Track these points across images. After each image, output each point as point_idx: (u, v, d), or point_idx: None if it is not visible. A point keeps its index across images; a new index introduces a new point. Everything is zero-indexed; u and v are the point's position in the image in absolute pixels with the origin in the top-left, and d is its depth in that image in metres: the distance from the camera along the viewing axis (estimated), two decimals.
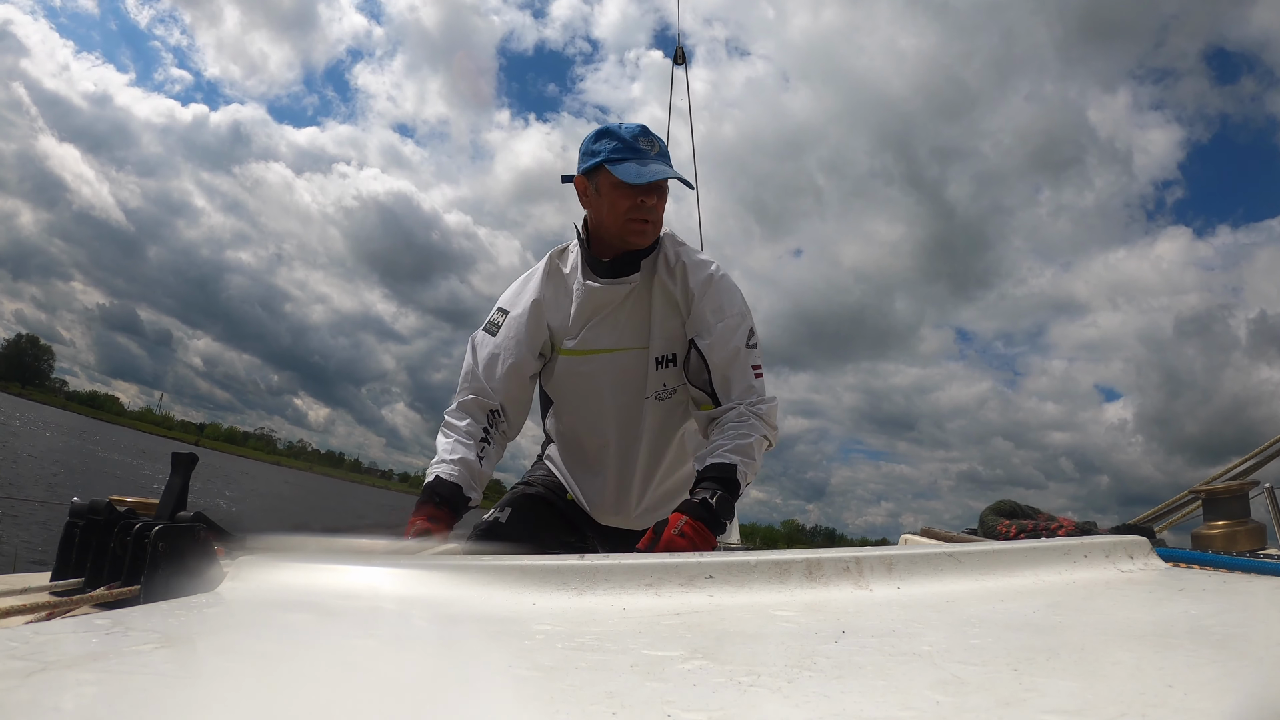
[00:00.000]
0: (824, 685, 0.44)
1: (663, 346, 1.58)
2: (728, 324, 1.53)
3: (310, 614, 0.68)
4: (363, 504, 39.55)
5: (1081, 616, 0.62)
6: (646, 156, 1.50)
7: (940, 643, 0.53)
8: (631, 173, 1.47)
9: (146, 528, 0.85)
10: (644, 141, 1.51)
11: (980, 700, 0.40)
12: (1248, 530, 1.70)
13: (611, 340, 1.58)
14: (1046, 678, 0.44)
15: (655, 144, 1.53)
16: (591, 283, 1.56)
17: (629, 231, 1.53)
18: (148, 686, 0.43)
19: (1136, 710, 0.37)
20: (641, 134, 1.52)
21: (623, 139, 1.51)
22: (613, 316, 1.57)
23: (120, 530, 0.91)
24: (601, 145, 1.52)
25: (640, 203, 1.50)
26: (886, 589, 0.70)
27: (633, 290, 1.56)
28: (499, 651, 0.56)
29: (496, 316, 1.62)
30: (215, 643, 0.59)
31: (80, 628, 0.60)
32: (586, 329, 1.58)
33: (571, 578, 0.71)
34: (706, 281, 1.56)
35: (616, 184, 1.49)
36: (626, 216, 1.51)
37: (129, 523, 0.91)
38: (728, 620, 0.62)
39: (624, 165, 1.48)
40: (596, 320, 1.57)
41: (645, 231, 1.54)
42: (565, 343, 1.59)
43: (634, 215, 1.51)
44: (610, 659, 0.51)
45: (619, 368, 1.58)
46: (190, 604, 0.69)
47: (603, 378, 1.59)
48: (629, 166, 1.48)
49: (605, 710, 0.40)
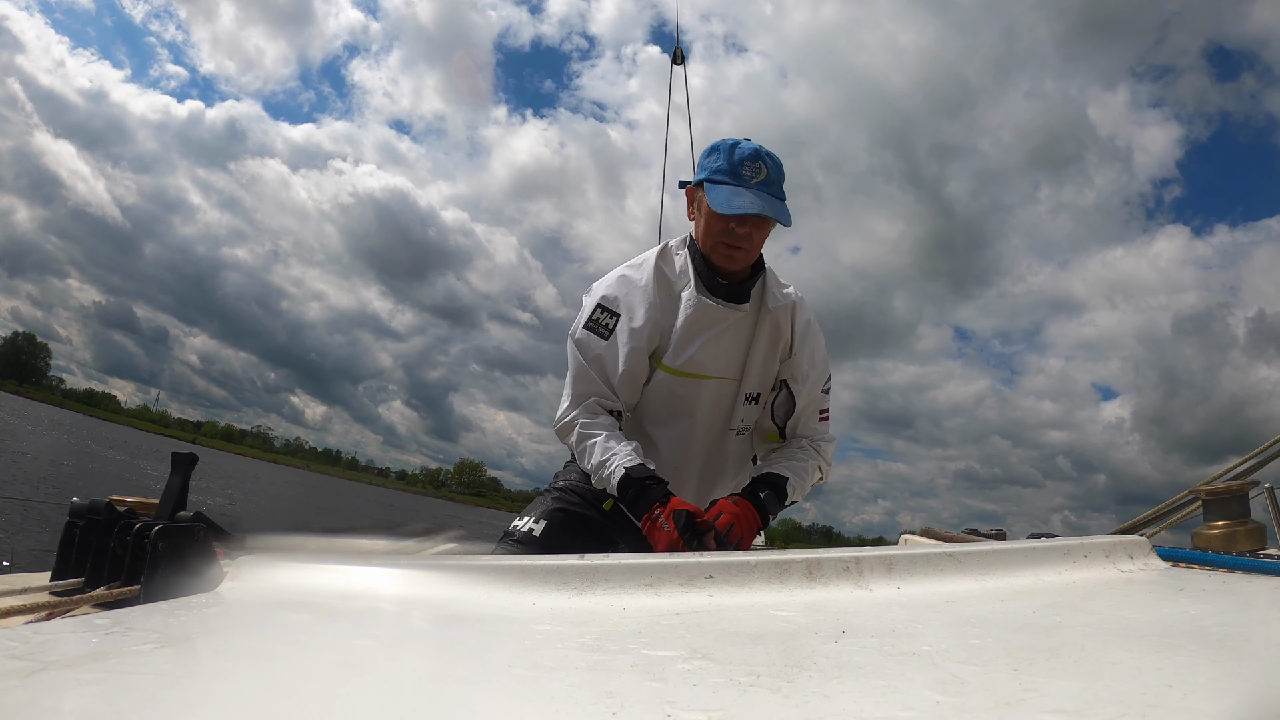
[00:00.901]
0: (824, 685, 0.44)
1: (754, 384, 1.59)
2: (818, 372, 1.60)
3: (310, 614, 0.68)
4: (361, 502, 39.49)
5: (1081, 616, 0.62)
6: (747, 183, 1.45)
7: (940, 643, 0.53)
8: (720, 200, 1.45)
9: (146, 528, 0.85)
10: (749, 166, 1.46)
11: (980, 700, 0.40)
12: (1248, 530, 1.69)
13: (711, 366, 1.55)
14: (1046, 678, 0.44)
15: (762, 169, 1.47)
16: (705, 299, 1.52)
17: (718, 255, 1.51)
18: (148, 686, 0.43)
19: (1136, 710, 0.37)
20: (750, 157, 1.47)
21: (729, 159, 1.47)
22: (715, 341, 1.54)
23: (120, 530, 0.91)
24: (709, 161, 1.50)
25: (731, 229, 1.46)
26: (886, 589, 0.70)
27: (740, 319, 1.54)
28: (499, 651, 0.56)
29: (604, 318, 1.53)
30: (215, 643, 0.59)
31: (80, 628, 0.60)
32: (690, 347, 1.53)
33: (571, 578, 0.71)
34: (806, 326, 1.59)
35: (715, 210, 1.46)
36: (717, 240, 1.49)
37: (129, 523, 0.91)
38: (728, 620, 0.62)
39: (718, 189, 1.46)
40: (700, 340, 1.54)
41: (733, 258, 1.51)
42: (667, 359, 1.55)
43: (723, 240, 1.48)
44: (610, 659, 0.51)
45: (712, 396, 1.58)
46: (190, 604, 0.69)
47: (696, 402, 1.58)
48: (722, 192, 1.45)
49: (605, 710, 0.40)
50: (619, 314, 1.52)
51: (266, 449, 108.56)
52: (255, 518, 1.78)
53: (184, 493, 0.95)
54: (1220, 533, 1.70)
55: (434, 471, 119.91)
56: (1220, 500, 1.77)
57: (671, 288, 1.56)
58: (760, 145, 1.50)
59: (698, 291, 1.53)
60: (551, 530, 1.61)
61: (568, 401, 1.53)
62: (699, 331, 1.53)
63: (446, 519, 3.25)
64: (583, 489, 1.70)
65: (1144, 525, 2.38)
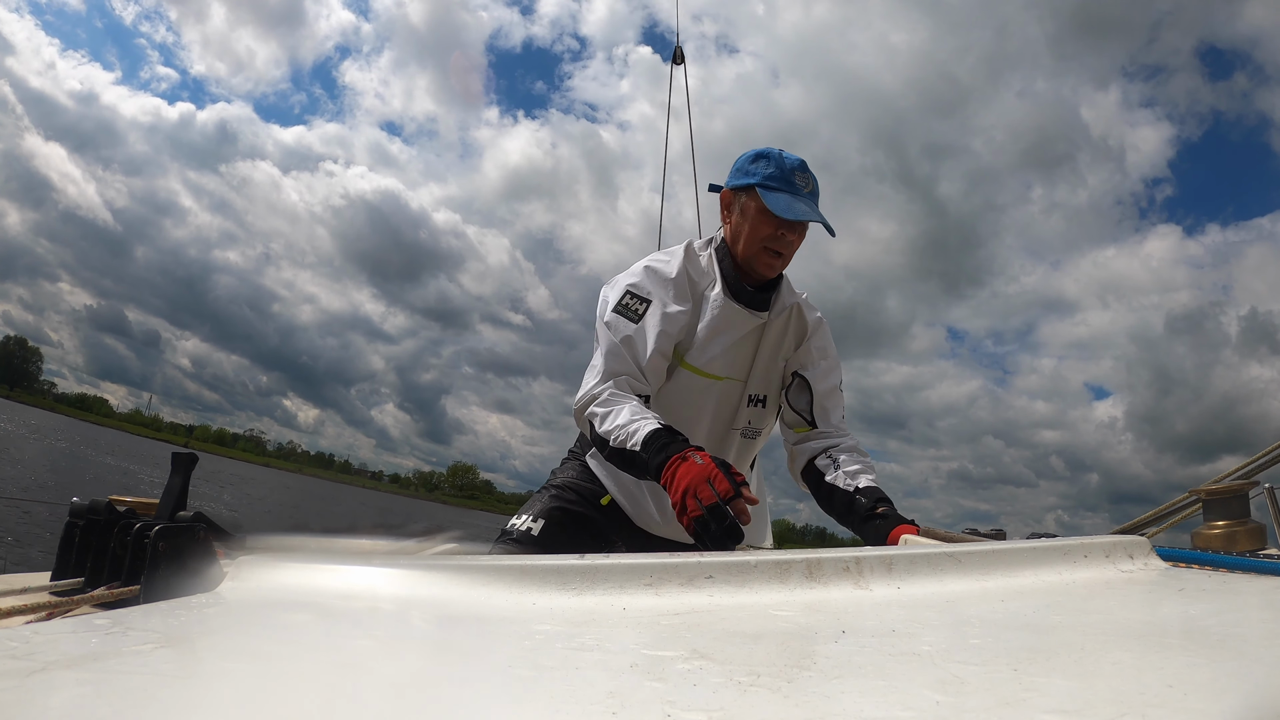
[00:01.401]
0: (824, 685, 0.44)
1: (758, 386, 1.63)
2: (829, 363, 1.66)
3: (310, 614, 0.68)
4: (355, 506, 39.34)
5: (1081, 616, 0.62)
6: (800, 193, 1.51)
7: (940, 643, 0.53)
8: (782, 205, 1.48)
9: (146, 528, 0.85)
10: (800, 177, 1.52)
11: (980, 700, 0.40)
12: (1247, 530, 1.69)
13: (723, 368, 1.59)
14: (1046, 678, 0.44)
15: (810, 182, 1.54)
16: (731, 302, 1.56)
17: (760, 261, 1.54)
18: (148, 686, 0.43)
19: (1136, 710, 0.37)
20: (800, 168, 1.53)
21: (781, 167, 1.51)
22: (734, 345, 1.58)
23: (120, 530, 0.91)
24: (758, 167, 1.53)
25: (781, 235, 1.51)
26: (886, 589, 0.70)
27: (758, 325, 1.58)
28: (499, 651, 0.56)
29: (633, 303, 1.53)
30: (215, 643, 0.59)
31: (80, 628, 0.59)
32: (713, 348, 1.56)
33: (571, 578, 0.71)
34: (817, 323, 1.66)
35: (762, 210, 1.50)
36: (763, 244, 1.52)
37: (129, 523, 0.91)
38: (728, 620, 0.62)
39: (777, 195, 1.49)
40: (721, 342, 1.56)
41: (776, 265, 1.56)
42: (690, 356, 1.57)
43: (771, 245, 1.52)
44: (610, 659, 0.51)
45: (720, 395, 1.61)
46: (190, 604, 0.69)
47: (706, 401, 1.60)
48: (781, 198, 1.49)
49: (605, 710, 0.40)
50: (649, 300, 1.53)
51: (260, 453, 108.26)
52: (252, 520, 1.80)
53: (184, 493, 0.95)
54: (1220, 533, 1.70)
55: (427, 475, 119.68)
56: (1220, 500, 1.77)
57: (696, 286, 1.59)
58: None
59: (724, 294, 1.56)
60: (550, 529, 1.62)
61: (596, 378, 1.50)
62: (721, 333, 1.56)
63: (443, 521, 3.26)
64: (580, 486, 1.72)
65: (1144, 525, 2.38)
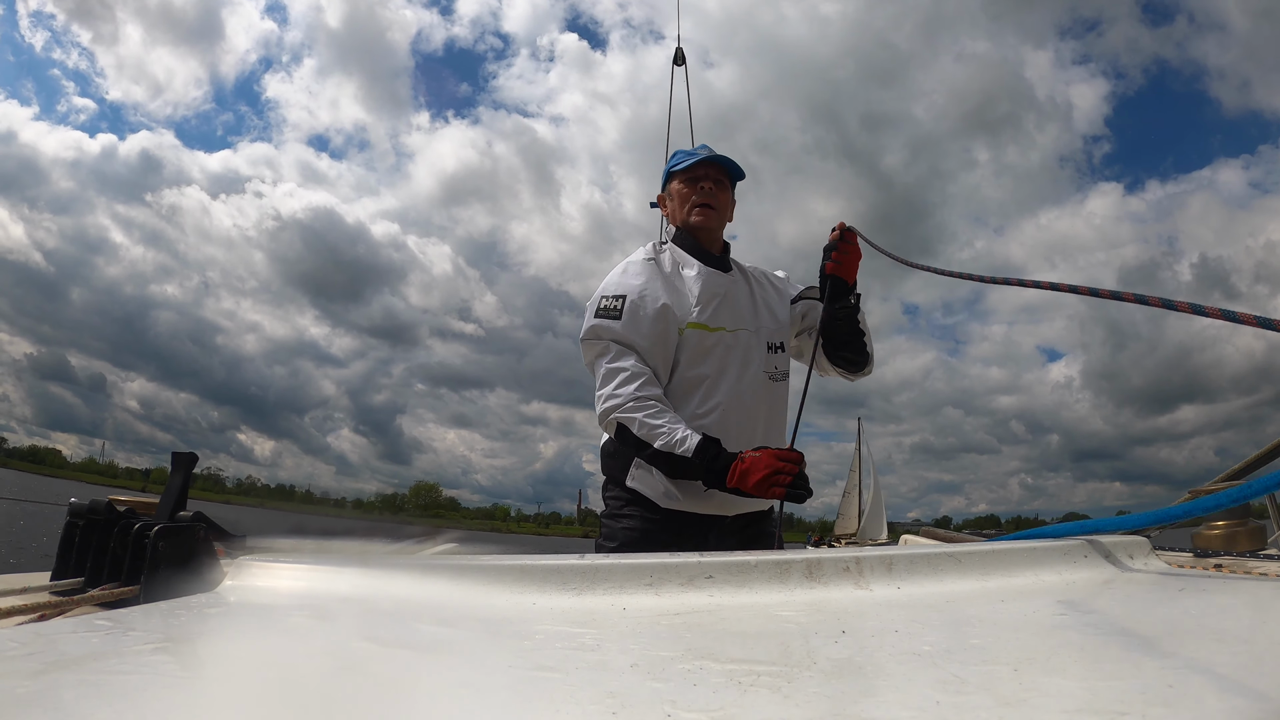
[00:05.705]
0: (824, 685, 0.44)
1: (771, 333, 1.73)
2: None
3: (310, 615, 0.68)
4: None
5: (1081, 616, 0.62)
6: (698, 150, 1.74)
7: (940, 643, 0.53)
8: (682, 158, 1.74)
9: (146, 527, 0.85)
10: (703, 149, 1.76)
11: (980, 700, 0.40)
12: (1248, 530, 1.69)
13: (731, 321, 1.67)
14: (1046, 678, 0.44)
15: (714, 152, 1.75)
16: (708, 268, 1.69)
17: (692, 215, 1.71)
18: (148, 686, 0.43)
19: (1137, 710, 0.37)
20: (703, 147, 1.77)
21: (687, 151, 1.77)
22: (729, 300, 1.69)
23: (120, 530, 0.91)
24: (670, 162, 1.78)
25: (700, 188, 1.70)
26: (886, 589, 0.70)
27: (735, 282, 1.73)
28: (499, 652, 0.56)
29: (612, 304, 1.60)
30: (215, 643, 0.59)
31: (80, 628, 0.60)
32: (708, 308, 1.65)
33: (572, 578, 0.71)
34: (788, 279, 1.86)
35: (678, 178, 1.74)
36: (688, 203, 1.71)
37: (129, 522, 0.91)
38: (728, 620, 0.62)
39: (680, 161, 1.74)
40: (716, 301, 1.67)
41: (706, 214, 1.71)
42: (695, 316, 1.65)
43: (694, 199, 1.71)
44: (610, 659, 0.51)
45: (741, 345, 1.68)
46: (190, 604, 0.69)
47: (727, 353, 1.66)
48: (680, 156, 1.76)
49: (605, 710, 0.40)
50: (625, 296, 1.62)
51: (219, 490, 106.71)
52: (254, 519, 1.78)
53: (184, 492, 0.95)
54: (1220, 533, 1.70)
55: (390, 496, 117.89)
56: None
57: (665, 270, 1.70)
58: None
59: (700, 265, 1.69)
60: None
61: (613, 382, 1.54)
62: (715, 295, 1.67)
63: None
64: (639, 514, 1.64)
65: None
